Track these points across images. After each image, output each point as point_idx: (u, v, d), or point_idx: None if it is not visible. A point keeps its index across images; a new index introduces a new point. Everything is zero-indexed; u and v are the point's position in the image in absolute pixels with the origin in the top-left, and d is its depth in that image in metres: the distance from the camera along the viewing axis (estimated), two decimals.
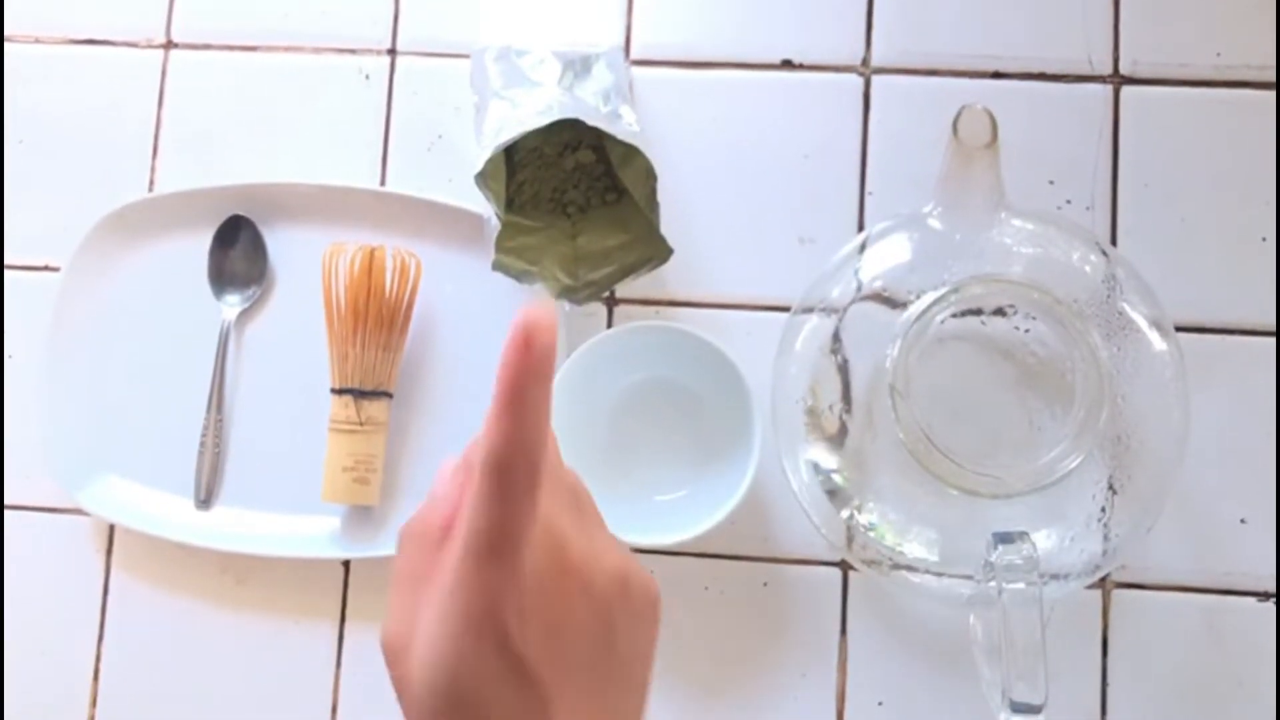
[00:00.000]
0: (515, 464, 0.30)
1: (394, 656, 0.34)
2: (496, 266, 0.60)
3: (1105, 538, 0.51)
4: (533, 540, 0.31)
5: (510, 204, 0.63)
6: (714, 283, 0.64)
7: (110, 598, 0.64)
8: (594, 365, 0.59)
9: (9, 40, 0.70)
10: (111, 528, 0.65)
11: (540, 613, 0.32)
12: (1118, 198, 0.63)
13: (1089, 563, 0.51)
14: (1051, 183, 0.63)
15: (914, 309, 0.50)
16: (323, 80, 0.68)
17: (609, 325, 0.64)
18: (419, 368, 0.64)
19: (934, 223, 0.53)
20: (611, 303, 0.64)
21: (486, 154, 0.58)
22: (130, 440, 0.65)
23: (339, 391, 0.61)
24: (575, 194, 0.64)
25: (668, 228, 0.60)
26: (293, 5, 0.69)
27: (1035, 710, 0.46)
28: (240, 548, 0.62)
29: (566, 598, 0.33)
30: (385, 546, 0.62)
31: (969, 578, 0.51)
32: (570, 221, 0.64)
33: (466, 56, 0.65)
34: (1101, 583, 0.59)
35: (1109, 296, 0.52)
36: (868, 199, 0.64)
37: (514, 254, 0.61)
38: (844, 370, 0.53)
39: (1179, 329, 0.53)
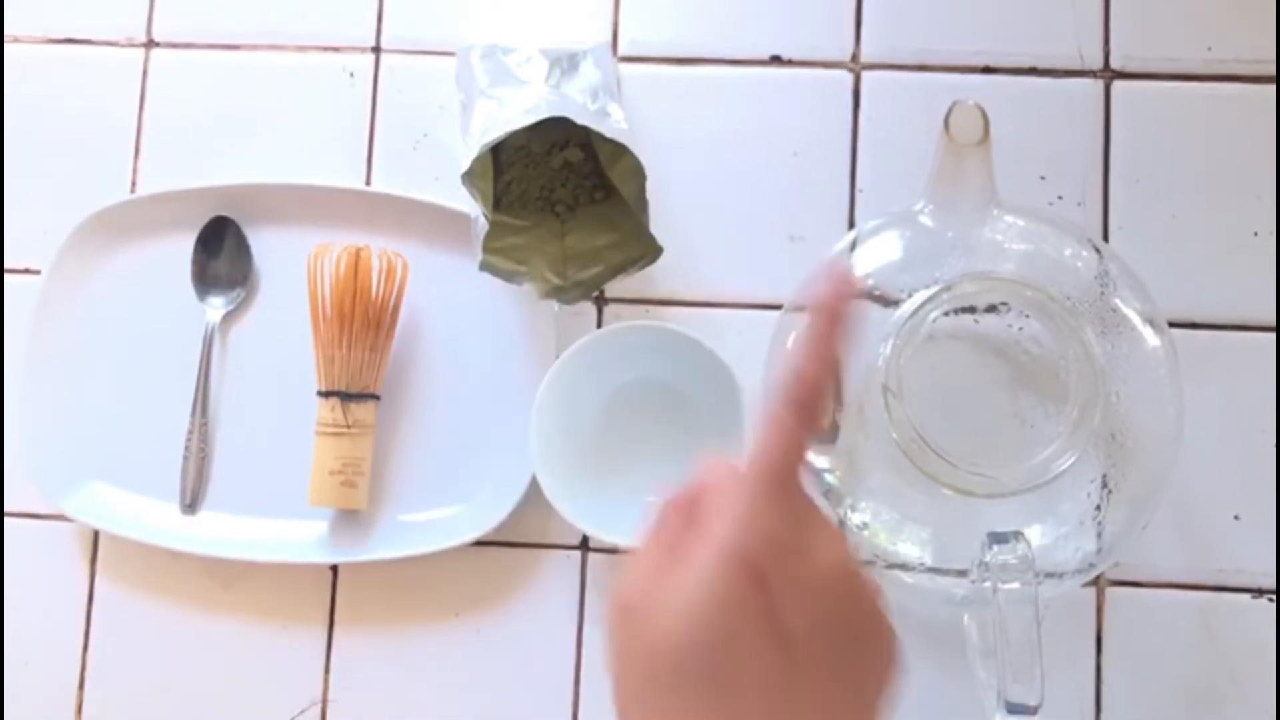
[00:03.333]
0: (808, 401, 0.34)
1: (627, 615, 0.34)
2: (484, 266, 0.59)
3: (1100, 536, 0.51)
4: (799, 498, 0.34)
5: (498, 203, 0.62)
6: (704, 281, 0.63)
7: (95, 605, 0.64)
8: (584, 366, 0.59)
9: None
10: (95, 534, 0.64)
11: (795, 578, 0.32)
12: (1109, 193, 0.62)
13: (1084, 561, 0.51)
14: (1043, 178, 0.63)
15: (906, 307, 0.49)
16: (306, 79, 0.67)
17: (599, 325, 0.64)
18: (406, 369, 0.64)
19: (925, 220, 0.52)
20: (601, 302, 0.64)
21: (473, 153, 0.57)
22: (114, 445, 0.64)
23: (325, 394, 0.61)
24: (563, 192, 0.63)
25: (657, 226, 0.59)
26: (275, 3, 0.68)
27: (1031, 711, 0.46)
28: (226, 553, 0.61)
29: (813, 576, 0.33)
30: (373, 551, 0.61)
31: (963, 574, 0.51)
32: (559, 220, 0.63)
33: (452, 54, 0.64)
34: (1096, 581, 0.59)
35: (1102, 293, 0.51)
36: (858, 196, 0.63)
37: (502, 254, 0.60)
38: (835, 369, 0.53)
39: (1172, 325, 0.53)
